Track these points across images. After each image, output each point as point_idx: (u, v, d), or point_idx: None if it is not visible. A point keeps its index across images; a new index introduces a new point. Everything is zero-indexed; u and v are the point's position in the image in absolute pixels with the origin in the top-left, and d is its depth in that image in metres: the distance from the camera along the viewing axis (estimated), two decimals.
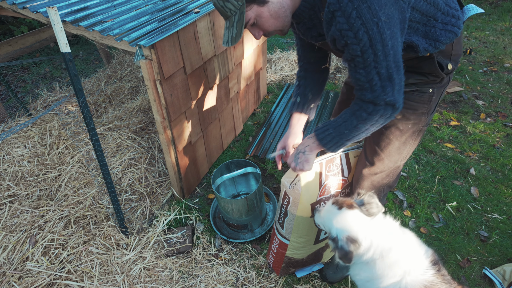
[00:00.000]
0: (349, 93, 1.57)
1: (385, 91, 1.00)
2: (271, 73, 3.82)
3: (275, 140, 2.80)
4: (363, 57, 0.97)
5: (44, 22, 1.74)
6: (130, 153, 2.49)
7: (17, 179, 2.32)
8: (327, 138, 1.17)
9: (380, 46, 0.94)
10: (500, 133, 2.73)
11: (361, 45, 0.94)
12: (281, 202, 1.51)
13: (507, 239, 1.95)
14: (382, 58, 0.95)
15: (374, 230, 1.12)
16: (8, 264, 1.84)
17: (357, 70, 1.01)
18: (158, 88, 1.71)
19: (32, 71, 4.28)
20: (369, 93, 1.02)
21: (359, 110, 1.08)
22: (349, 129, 1.12)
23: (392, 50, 0.95)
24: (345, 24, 0.93)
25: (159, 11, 1.90)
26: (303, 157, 1.26)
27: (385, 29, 0.92)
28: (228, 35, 1.12)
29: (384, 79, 0.98)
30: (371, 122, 1.07)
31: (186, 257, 1.94)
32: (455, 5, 1.13)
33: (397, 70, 0.99)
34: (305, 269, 1.82)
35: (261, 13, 1.07)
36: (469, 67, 3.71)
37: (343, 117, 1.13)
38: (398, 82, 1.00)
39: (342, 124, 1.13)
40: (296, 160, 1.28)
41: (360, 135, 1.13)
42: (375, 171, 1.40)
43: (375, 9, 0.90)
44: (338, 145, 1.17)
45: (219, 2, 1.05)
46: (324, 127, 1.19)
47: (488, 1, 5.61)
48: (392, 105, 1.02)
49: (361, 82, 1.02)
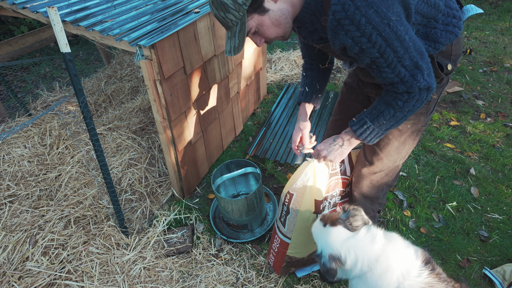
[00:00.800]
0: (349, 93, 1.57)
1: (416, 79, 1.00)
2: (271, 73, 3.82)
3: (275, 140, 2.80)
4: (384, 57, 0.97)
5: (44, 22, 1.74)
6: (130, 153, 2.49)
7: (17, 179, 2.32)
8: (366, 132, 1.17)
9: (398, 42, 0.94)
10: (500, 133, 2.73)
11: (377, 47, 0.95)
12: (284, 199, 1.52)
13: (507, 239, 1.95)
14: (403, 52, 0.96)
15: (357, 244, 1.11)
16: (8, 264, 1.84)
17: (382, 69, 1.02)
18: (158, 88, 1.71)
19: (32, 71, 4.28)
20: (401, 85, 1.03)
21: (394, 100, 1.08)
22: (388, 119, 1.12)
23: (410, 41, 0.96)
24: (357, 31, 0.93)
25: (159, 11, 1.90)
26: (339, 150, 1.26)
27: (398, 26, 0.93)
28: (231, 45, 1.12)
29: (411, 69, 0.99)
30: (408, 108, 1.08)
31: (186, 257, 1.94)
32: (455, 6, 1.14)
33: (421, 57, 0.99)
34: (306, 269, 1.82)
35: (262, 22, 1.07)
36: (469, 67, 3.71)
37: (378, 109, 1.13)
38: (426, 66, 1.00)
39: (380, 116, 1.12)
40: (330, 150, 1.27)
41: (399, 122, 1.14)
42: (374, 170, 1.40)
43: (383, 12, 0.91)
44: (378, 136, 1.18)
45: (220, 14, 1.05)
46: (360, 121, 1.18)
47: (488, 1, 5.61)
48: (427, 88, 1.03)
49: (390, 79, 1.03)
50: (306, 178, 1.38)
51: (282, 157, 2.62)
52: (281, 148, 2.71)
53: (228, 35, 1.12)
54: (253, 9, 1.04)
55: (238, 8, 1.01)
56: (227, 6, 1.01)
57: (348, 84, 1.58)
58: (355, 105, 1.55)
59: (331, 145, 1.27)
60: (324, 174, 1.39)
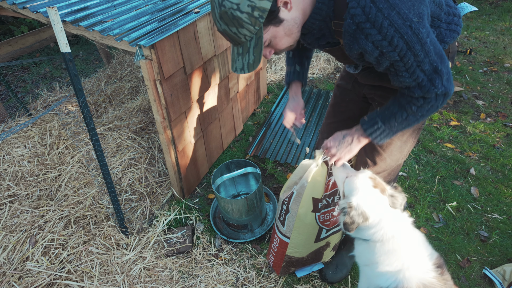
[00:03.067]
0: (343, 95, 1.56)
1: (434, 84, 0.98)
2: (271, 73, 3.82)
3: (275, 140, 2.80)
4: (403, 61, 0.95)
5: (44, 22, 1.74)
6: (130, 153, 2.49)
7: (17, 179, 2.32)
8: (376, 132, 1.16)
9: (419, 46, 0.92)
10: (500, 133, 2.73)
11: (398, 50, 0.92)
12: (284, 198, 1.52)
13: (507, 239, 1.95)
14: (423, 56, 0.93)
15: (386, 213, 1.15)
16: (8, 264, 1.84)
17: (400, 73, 0.99)
18: (158, 88, 1.71)
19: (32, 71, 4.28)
20: (418, 90, 1.01)
21: (408, 103, 1.06)
22: (399, 121, 1.11)
23: (431, 45, 0.93)
24: (378, 35, 0.90)
25: (159, 11, 1.90)
26: (348, 147, 1.24)
27: (420, 28, 0.90)
28: (243, 62, 1.03)
29: (430, 73, 0.97)
30: (421, 112, 1.07)
31: (186, 257, 1.94)
32: (453, 4, 1.15)
33: (441, 61, 0.97)
34: (305, 269, 1.82)
35: (277, 33, 1.01)
36: (469, 67, 3.71)
37: (391, 110, 1.11)
38: (445, 71, 0.98)
39: (391, 118, 1.11)
40: (340, 147, 1.25)
41: (410, 125, 1.13)
42: (377, 170, 1.41)
43: (404, 13, 0.88)
44: (388, 136, 1.17)
45: (231, 29, 0.95)
46: (371, 120, 1.16)
47: (488, 1, 5.61)
48: (444, 94, 1.01)
49: (407, 83, 1.01)
50: (305, 177, 1.39)
51: (282, 157, 2.62)
52: (281, 148, 2.71)
53: (238, 51, 1.03)
54: (269, 21, 0.96)
55: (254, 22, 0.92)
56: (241, 21, 0.92)
57: (341, 87, 1.57)
58: (350, 106, 1.54)
59: (340, 142, 1.26)
60: (322, 172, 1.39)
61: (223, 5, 0.90)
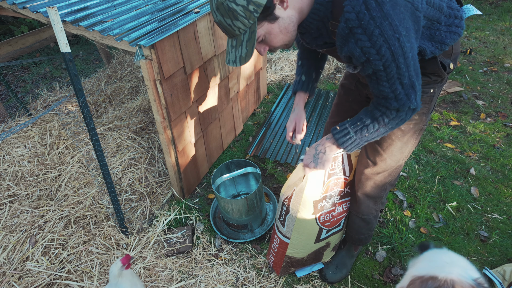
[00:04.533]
0: (346, 95, 1.57)
1: (409, 99, 1.02)
2: (271, 73, 3.82)
3: (275, 140, 2.80)
4: (386, 71, 0.97)
5: (44, 22, 1.74)
6: (130, 153, 2.49)
7: (17, 179, 2.32)
8: (347, 141, 1.20)
9: (402, 59, 0.94)
10: (500, 133, 2.73)
11: (383, 60, 0.94)
12: (284, 199, 1.52)
13: (507, 239, 1.95)
14: (404, 70, 0.97)
15: None
16: (8, 264, 1.84)
17: (380, 83, 1.02)
18: (158, 88, 1.71)
19: (32, 71, 4.28)
20: (394, 102, 1.04)
21: (381, 116, 1.10)
22: (370, 132, 1.15)
23: (412, 60, 0.97)
24: (367, 42, 0.92)
25: (159, 11, 1.90)
26: (324, 157, 1.28)
27: (405, 42, 0.93)
28: (236, 54, 1.05)
29: (407, 88, 1.00)
30: (391, 125, 1.12)
31: (186, 257, 1.94)
32: (456, 6, 1.14)
33: (417, 77, 1.01)
34: (305, 269, 1.82)
35: (271, 30, 1.02)
36: (469, 67, 3.71)
37: (363, 121, 1.15)
38: (419, 88, 1.03)
39: (363, 128, 1.15)
40: (316, 160, 1.30)
41: (379, 136, 1.18)
42: (377, 171, 1.41)
43: (395, 25, 0.90)
44: (358, 146, 1.21)
45: (226, 21, 0.97)
46: (343, 130, 1.20)
47: (488, 1, 5.61)
48: (414, 109, 1.07)
49: (385, 93, 1.04)
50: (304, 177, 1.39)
51: (282, 157, 2.62)
52: (281, 148, 2.71)
53: (232, 44, 1.04)
54: (264, 17, 0.97)
55: (248, 15, 0.94)
56: (236, 13, 0.93)
57: (345, 86, 1.57)
58: (353, 106, 1.55)
59: (314, 155, 1.30)
60: (321, 173, 1.39)
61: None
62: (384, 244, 1.96)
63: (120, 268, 1.43)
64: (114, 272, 1.43)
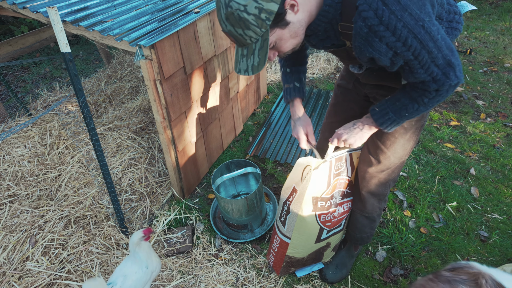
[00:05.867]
0: (344, 95, 1.57)
1: (448, 77, 0.99)
2: (271, 73, 3.82)
3: (275, 140, 2.80)
4: (418, 59, 0.96)
5: (44, 22, 1.74)
6: (130, 153, 2.49)
7: (17, 179, 2.32)
8: (387, 122, 1.18)
9: (432, 43, 0.93)
10: (500, 133, 2.73)
11: (412, 50, 0.93)
12: (285, 199, 1.51)
13: (507, 239, 1.95)
14: (436, 52, 0.95)
15: None
16: (8, 264, 1.84)
17: (414, 71, 1.00)
18: (158, 88, 1.71)
19: (32, 71, 4.28)
20: (433, 84, 1.02)
21: (420, 96, 1.08)
22: (410, 112, 1.13)
23: (442, 40, 0.95)
24: (392, 37, 0.91)
25: (159, 11, 1.90)
26: (359, 133, 1.26)
27: (431, 27, 0.91)
28: (248, 63, 1.03)
29: (443, 67, 0.98)
30: (432, 103, 1.09)
31: (186, 257, 1.94)
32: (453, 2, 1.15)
33: (452, 54, 0.97)
34: (305, 269, 1.82)
35: (282, 36, 1.00)
36: (469, 67, 3.71)
37: (402, 102, 1.13)
38: (457, 63, 0.99)
39: (402, 108, 1.13)
40: (351, 133, 1.27)
41: (419, 114, 1.17)
42: (381, 168, 1.42)
43: (416, 14, 0.89)
44: (397, 125, 1.20)
45: (237, 31, 0.94)
46: (382, 111, 1.18)
47: (488, 1, 5.61)
48: (455, 85, 1.03)
49: (422, 78, 1.02)
50: (306, 178, 1.39)
51: (282, 157, 2.62)
52: (281, 148, 2.71)
53: (242, 52, 1.02)
54: (275, 24, 0.95)
55: (260, 24, 0.91)
56: (247, 23, 0.91)
57: (342, 86, 1.57)
58: (351, 106, 1.54)
59: (351, 128, 1.28)
60: (324, 173, 1.39)
61: (230, 6, 0.89)
62: (384, 244, 1.96)
63: (140, 237, 1.51)
64: (134, 240, 1.51)
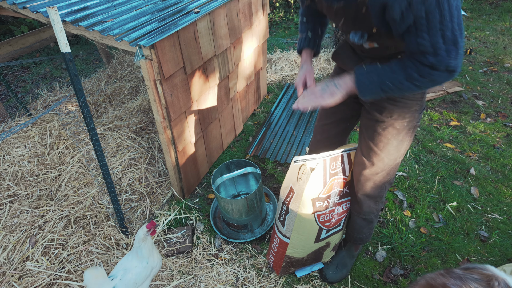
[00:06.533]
0: None
1: (449, 56, 0.92)
2: (271, 73, 3.82)
3: (275, 140, 2.80)
4: (428, 18, 0.89)
5: (44, 22, 1.74)
6: (130, 153, 2.49)
7: (17, 179, 2.32)
8: (365, 82, 1.09)
9: (447, 5, 0.87)
10: (500, 133, 2.73)
11: (427, 4, 0.86)
12: (284, 198, 1.51)
13: (507, 239, 1.95)
14: (448, 19, 0.88)
15: None
16: (8, 264, 1.84)
17: (420, 34, 0.93)
18: (158, 88, 1.71)
19: (32, 71, 4.28)
20: (432, 57, 0.94)
21: (411, 67, 1.00)
22: (393, 81, 1.04)
23: (456, 10, 0.89)
24: None
25: (159, 11, 1.90)
26: (332, 89, 1.16)
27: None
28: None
29: (448, 43, 0.91)
30: (418, 83, 1.01)
31: (186, 257, 1.94)
32: None
33: (461, 34, 0.91)
34: (305, 269, 1.82)
35: None
36: (469, 67, 3.71)
37: (391, 67, 1.05)
38: (461, 46, 0.92)
39: (388, 73, 1.05)
40: (324, 88, 1.18)
41: (396, 93, 1.07)
42: (376, 171, 1.40)
43: None
44: (372, 93, 1.09)
45: None
46: (368, 69, 1.09)
47: (488, 1, 5.61)
48: (451, 71, 0.95)
49: (423, 47, 0.94)
50: (304, 178, 1.39)
51: (282, 157, 2.62)
52: (281, 148, 2.71)
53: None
54: None
55: None
56: None
57: None
58: (341, 108, 1.51)
59: (327, 83, 1.19)
60: (320, 173, 1.39)
61: None
62: (384, 244, 1.96)
63: (145, 232, 1.53)
64: (140, 235, 1.53)
